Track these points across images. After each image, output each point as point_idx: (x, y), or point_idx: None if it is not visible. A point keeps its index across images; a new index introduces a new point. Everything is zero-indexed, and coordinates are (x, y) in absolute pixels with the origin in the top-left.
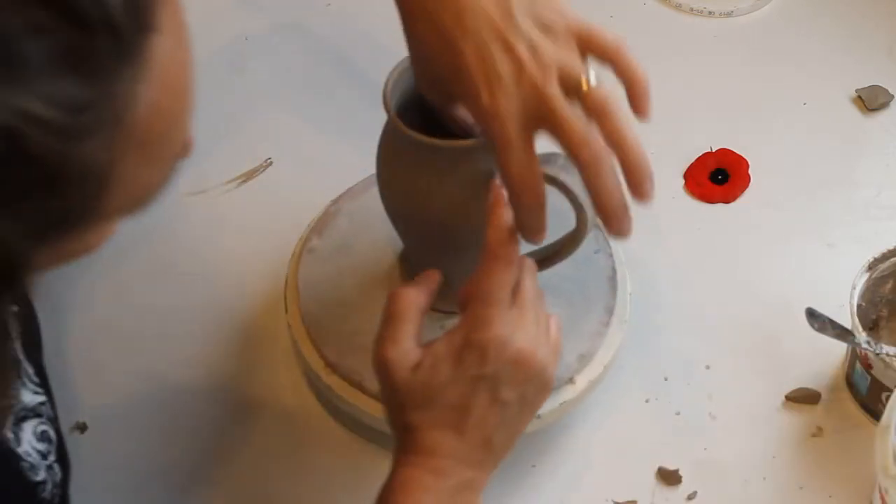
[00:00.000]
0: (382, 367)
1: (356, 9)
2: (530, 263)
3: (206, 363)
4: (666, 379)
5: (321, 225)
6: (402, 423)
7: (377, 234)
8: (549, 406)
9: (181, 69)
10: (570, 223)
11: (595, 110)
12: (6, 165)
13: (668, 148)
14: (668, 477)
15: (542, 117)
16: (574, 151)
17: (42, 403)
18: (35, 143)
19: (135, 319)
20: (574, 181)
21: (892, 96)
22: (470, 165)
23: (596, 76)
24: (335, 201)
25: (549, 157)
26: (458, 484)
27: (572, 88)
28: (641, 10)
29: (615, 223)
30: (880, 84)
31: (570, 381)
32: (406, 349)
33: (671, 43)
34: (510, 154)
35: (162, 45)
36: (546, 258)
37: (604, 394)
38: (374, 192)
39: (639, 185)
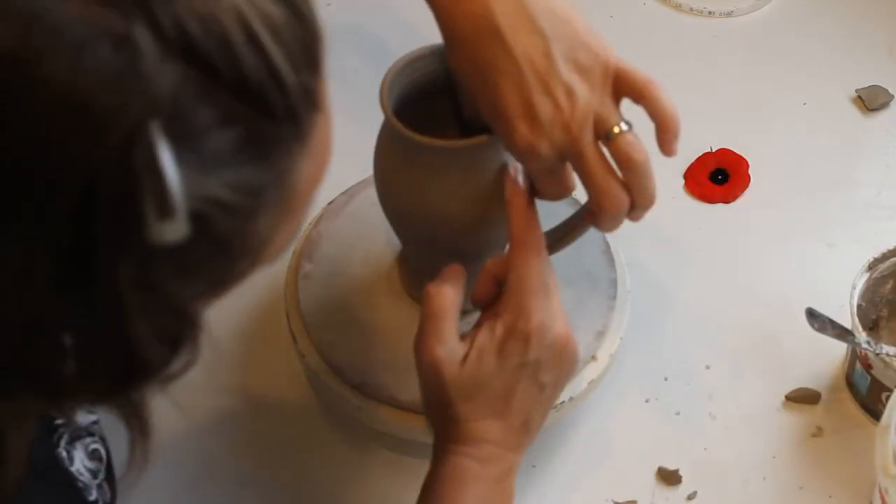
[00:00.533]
0: (433, 367)
1: (355, 9)
2: (545, 248)
3: (206, 364)
4: (666, 379)
5: (308, 250)
6: (449, 415)
7: (375, 234)
8: (577, 388)
9: (329, 138)
10: (563, 214)
11: (620, 159)
12: (192, 245)
13: None
14: (668, 477)
15: (572, 159)
16: (592, 194)
17: (95, 422)
18: (218, 225)
19: None
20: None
21: (892, 96)
22: (467, 165)
23: (627, 122)
24: (333, 202)
25: None
26: (502, 470)
27: (603, 132)
28: (641, 10)
29: (607, 230)
30: (880, 84)
31: (593, 358)
32: (453, 346)
33: (671, 43)
34: (546, 181)
35: (321, 121)
36: (555, 241)
37: (604, 394)
38: (372, 193)
39: (637, 217)
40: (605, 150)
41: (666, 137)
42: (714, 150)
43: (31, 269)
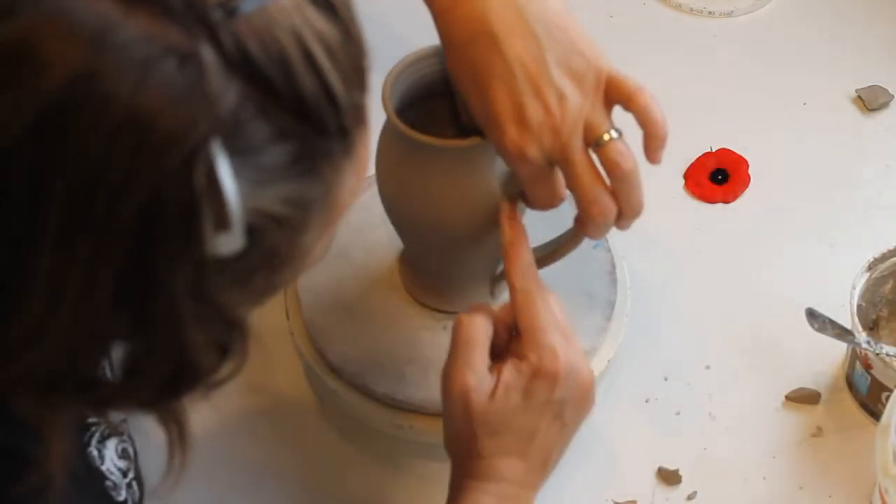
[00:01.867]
0: (463, 395)
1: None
2: (543, 286)
3: None
4: (666, 379)
5: None
6: (472, 450)
7: (376, 234)
8: None
9: (368, 150)
10: (568, 222)
11: (608, 167)
12: (245, 256)
13: (668, 148)
14: (668, 477)
15: (561, 165)
16: (579, 200)
17: (124, 420)
18: (269, 237)
19: None
20: None
21: (892, 96)
22: (469, 165)
23: (618, 130)
24: None
25: None
26: None
27: (592, 139)
28: (641, 10)
29: (594, 236)
30: (880, 84)
31: None
32: (484, 376)
33: (671, 43)
34: (536, 185)
35: (364, 135)
36: (546, 255)
37: (604, 394)
38: (373, 193)
39: (624, 226)
40: (594, 158)
41: (653, 145)
42: (714, 150)
43: (92, 282)
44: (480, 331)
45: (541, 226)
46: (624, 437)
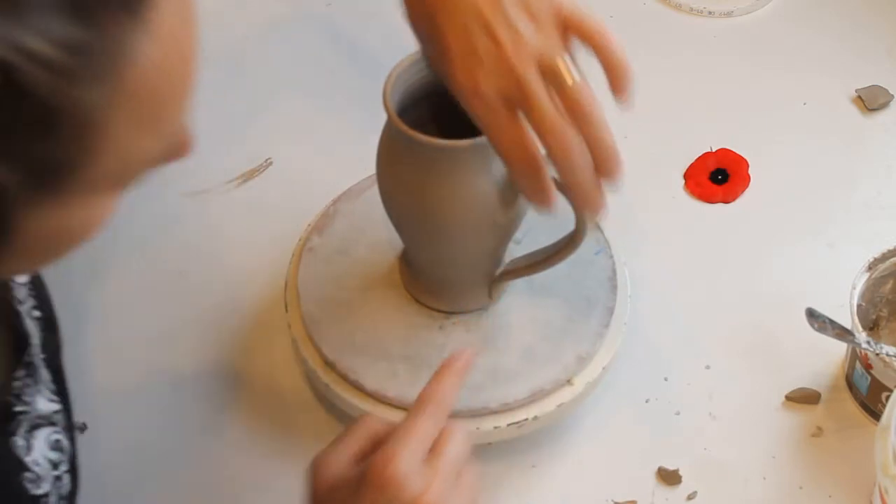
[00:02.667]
0: (313, 470)
1: (356, 8)
2: (460, 427)
3: (206, 363)
4: (666, 379)
5: (321, 225)
6: None
7: (377, 234)
8: (546, 408)
9: (184, 36)
10: (569, 225)
11: (571, 107)
12: (4, 99)
13: (668, 148)
14: (668, 477)
15: (518, 99)
16: (543, 135)
17: (57, 412)
18: (30, 79)
19: (134, 320)
20: None
21: (892, 96)
22: (468, 165)
23: (579, 71)
24: (335, 201)
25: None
26: None
27: (549, 75)
28: (641, 10)
29: (585, 200)
30: (880, 84)
31: (569, 382)
32: (339, 462)
33: (671, 43)
34: (495, 126)
35: (166, 4)
36: (546, 258)
37: (604, 394)
38: (374, 192)
39: (609, 178)
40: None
41: (616, 75)
42: (714, 150)
43: None
44: (367, 425)
45: (542, 228)
46: (624, 437)
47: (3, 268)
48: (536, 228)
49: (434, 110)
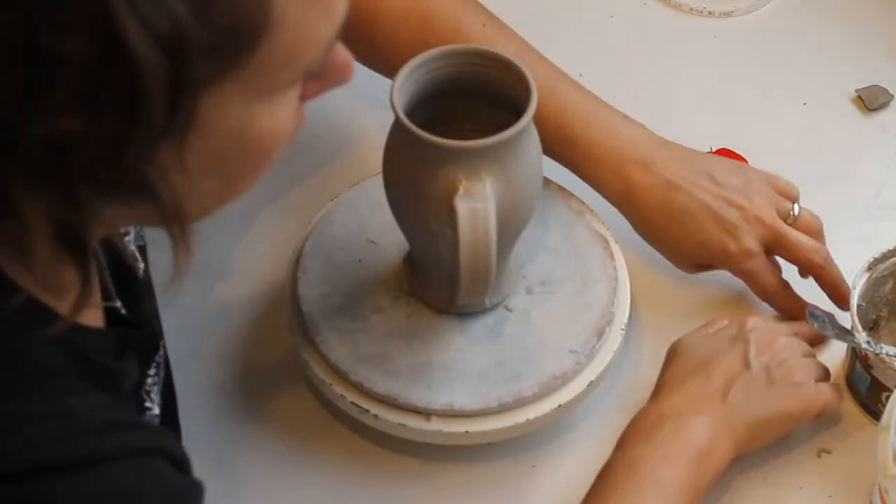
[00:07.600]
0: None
1: None
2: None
3: (206, 365)
4: None
5: (323, 225)
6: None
7: (381, 233)
8: (546, 408)
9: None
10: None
11: (807, 230)
12: None
13: None
14: None
15: (774, 243)
16: (810, 257)
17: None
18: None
19: None
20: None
21: (892, 96)
22: (478, 166)
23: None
24: (338, 201)
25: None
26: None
27: (784, 217)
28: (641, 10)
29: (841, 291)
30: (880, 84)
31: (569, 382)
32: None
33: (671, 43)
34: (766, 282)
35: None
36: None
37: (604, 394)
38: (378, 192)
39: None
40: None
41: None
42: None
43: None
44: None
45: (541, 227)
46: None
47: (192, 189)
48: (537, 228)
49: (442, 111)
